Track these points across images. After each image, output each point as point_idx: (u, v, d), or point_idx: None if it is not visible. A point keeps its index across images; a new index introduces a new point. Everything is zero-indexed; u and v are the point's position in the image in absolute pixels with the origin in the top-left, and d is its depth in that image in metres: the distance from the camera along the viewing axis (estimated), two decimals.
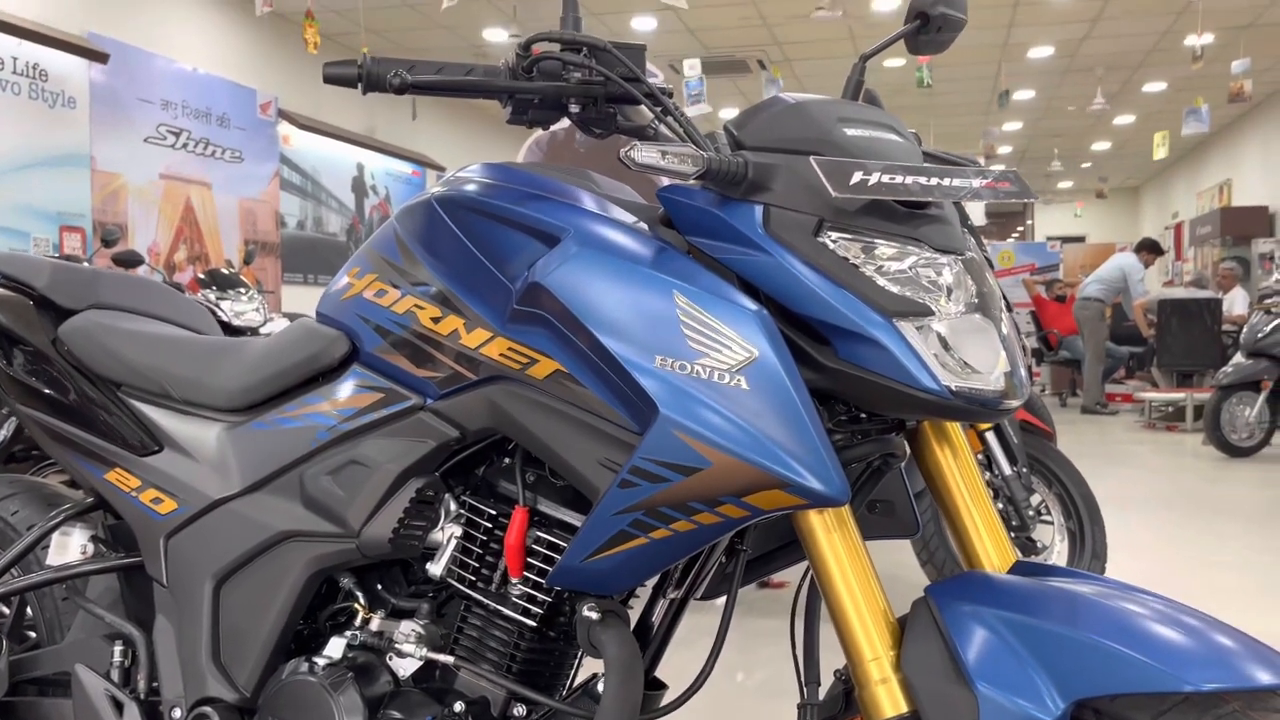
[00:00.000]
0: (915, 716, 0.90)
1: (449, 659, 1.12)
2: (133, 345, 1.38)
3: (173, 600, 1.28)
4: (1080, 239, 19.91)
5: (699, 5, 8.79)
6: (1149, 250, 9.61)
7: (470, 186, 1.13)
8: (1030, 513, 2.56)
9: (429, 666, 1.15)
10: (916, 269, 0.93)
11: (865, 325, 0.91)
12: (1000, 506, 2.58)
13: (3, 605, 1.58)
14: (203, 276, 5.62)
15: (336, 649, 1.16)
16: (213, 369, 1.31)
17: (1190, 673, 0.79)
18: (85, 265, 1.53)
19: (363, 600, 1.19)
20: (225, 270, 5.70)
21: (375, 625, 1.17)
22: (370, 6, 8.81)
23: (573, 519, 1.09)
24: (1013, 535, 2.57)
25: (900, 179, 0.91)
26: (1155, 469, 6.12)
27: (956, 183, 0.94)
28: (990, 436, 2.59)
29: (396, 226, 1.17)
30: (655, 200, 1.07)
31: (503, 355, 1.04)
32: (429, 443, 1.10)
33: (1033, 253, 12.66)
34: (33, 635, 1.57)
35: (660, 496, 0.92)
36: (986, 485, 2.59)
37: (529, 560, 1.09)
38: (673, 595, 1.19)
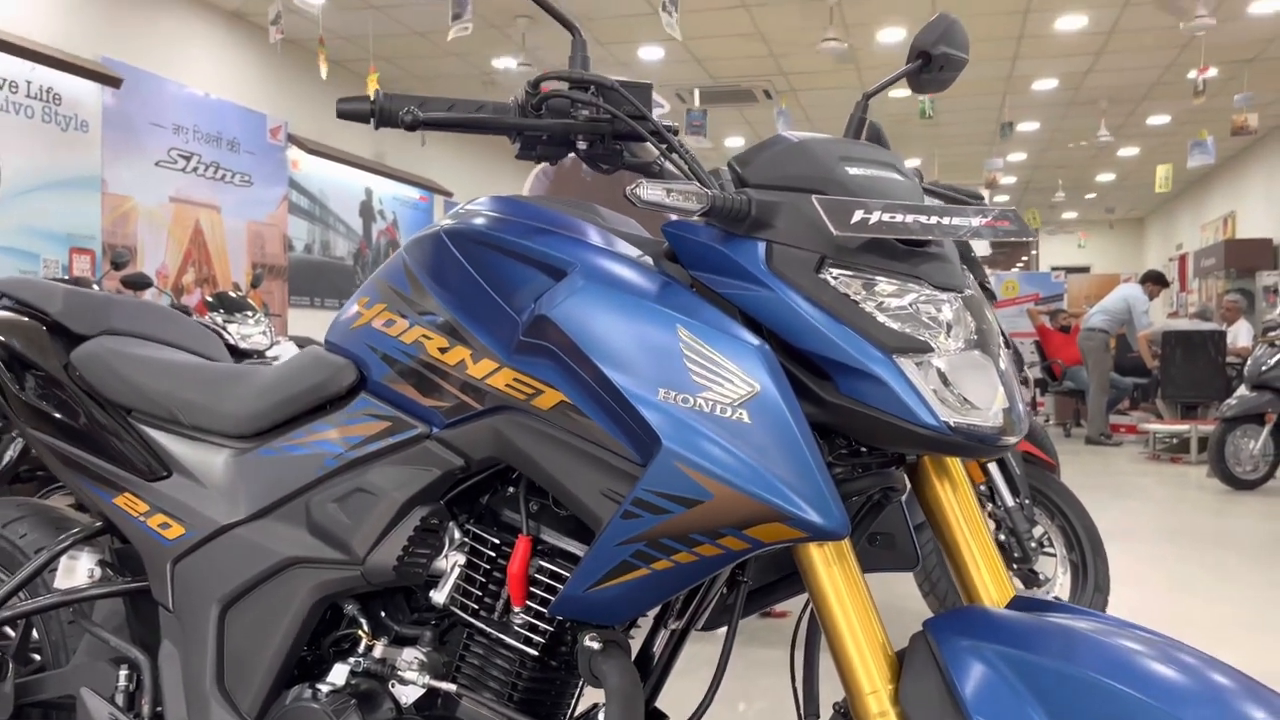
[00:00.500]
0: None
1: (451, 687, 1.13)
2: (144, 371, 1.40)
3: (178, 625, 1.29)
4: (1085, 269, 19.94)
5: (706, 36, 8.87)
6: (1154, 282, 9.63)
7: (479, 220, 1.15)
8: (1032, 544, 2.55)
9: (431, 694, 1.16)
10: (916, 306, 0.95)
11: (866, 361, 0.92)
12: (1002, 538, 2.57)
13: (9, 628, 1.59)
14: (210, 299, 5.66)
15: (340, 675, 1.16)
16: (222, 395, 1.33)
17: (1187, 711, 0.79)
18: (98, 291, 1.55)
19: (366, 627, 1.20)
20: (233, 293, 5.74)
21: (378, 652, 1.18)
22: (380, 34, 8.91)
23: (575, 549, 1.10)
24: (1015, 567, 2.57)
25: (900, 218, 0.93)
26: (1159, 501, 6.10)
27: (956, 221, 0.95)
28: (993, 468, 2.60)
29: (406, 258, 1.19)
30: (660, 234, 1.08)
31: (508, 386, 1.05)
32: (434, 471, 1.11)
33: (1037, 282, 12.69)
34: (38, 658, 1.57)
35: (662, 528, 0.93)
36: (989, 516, 2.60)
37: (531, 589, 1.10)
38: (674, 626, 1.20)
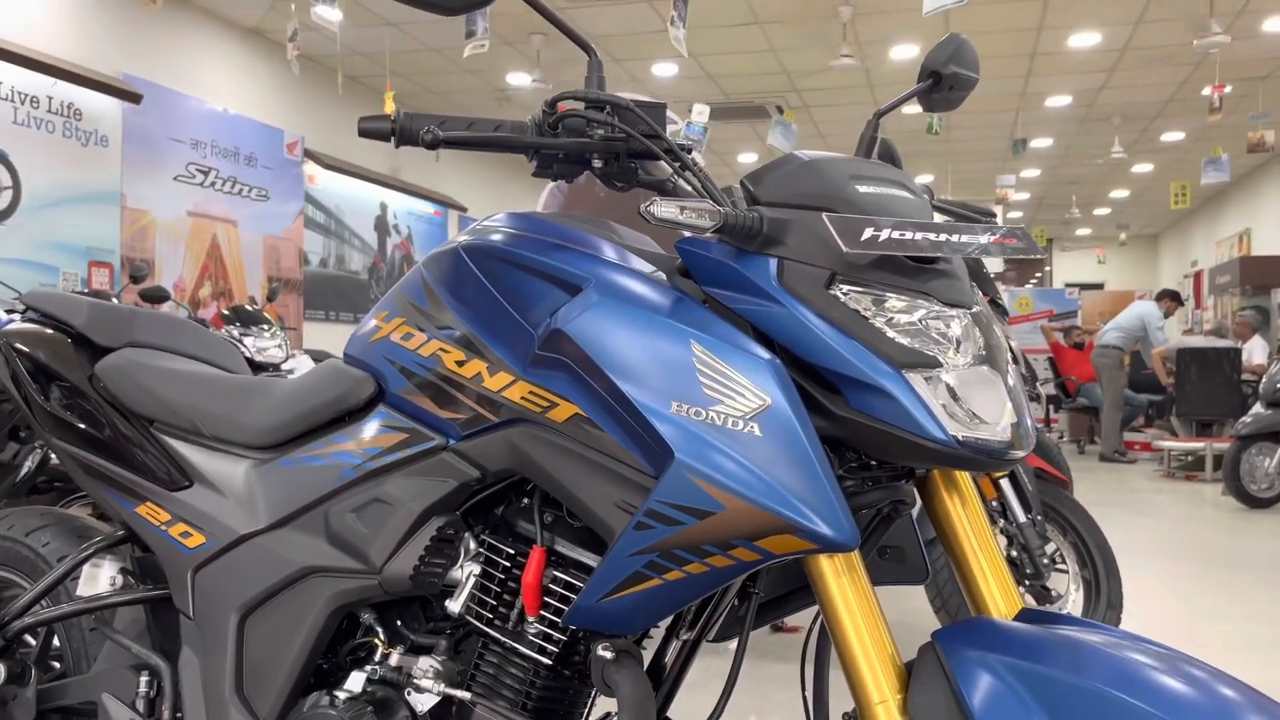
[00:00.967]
0: None
1: (466, 695, 1.14)
2: (166, 383, 1.43)
3: (198, 632, 1.31)
4: (1099, 286, 19.88)
5: (720, 52, 8.92)
6: (1171, 299, 9.61)
7: (496, 236, 1.17)
8: (1044, 561, 2.55)
9: (446, 702, 1.17)
10: (925, 321, 0.96)
11: (875, 375, 0.93)
12: (1014, 554, 2.57)
13: (30, 635, 1.61)
14: (226, 312, 5.71)
15: (356, 683, 1.18)
16: (243, 407, 1.35)
17: None
18: (121, 304, 1.58)
19: (383, 636, 1.22)
20: (249, 307, 5.79)
21: (394, 661, 1.20)
22: (396, 50, 8.99)
23: (589, 559, 1.12)
24: (1027, 584, 2.57)
25: (909, 235, 0.94)
26: (1173, 519, 6.07)
27: (964, 239, 0.97)
28: (1004, 484, 2.60)
29: (424, 272, 1.21)
30: (674, 250, 1.10)
31: (524, 398, 1.07)
32: (451, 482, 1.13)
33: (1051, 299, 12.65)
34: (59, 665, 1.60)
35: (674, 539, 0.95)
36: (1000, 533, 2.61)
37: (545, 599, 1.12)
38: (686, 636, 1.21)
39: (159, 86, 7.45)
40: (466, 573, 1.16)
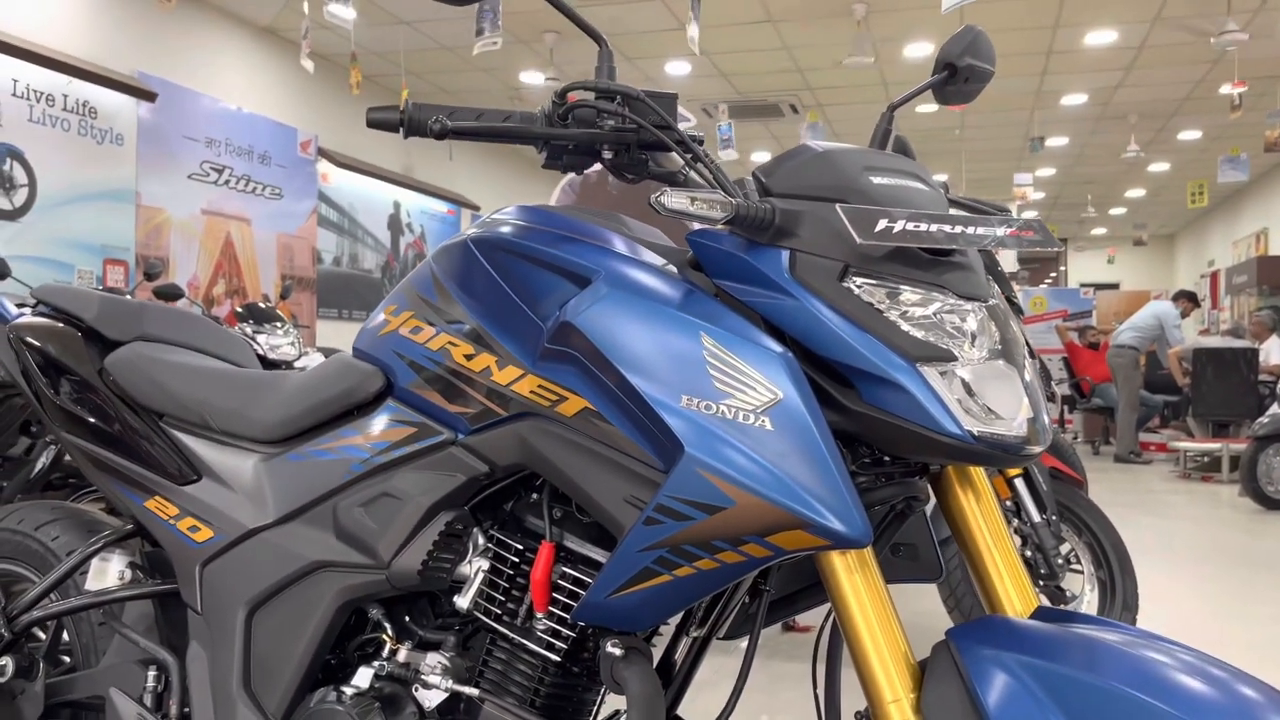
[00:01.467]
0: None
1: (474, 691, 1.14)
2: (176, 377, 1.42)
3: (206, 627, 1.31)
4: (1114, 286, 19.76)
5: (733, 50, 8.90)
6: (1188, 300, 9.55)
7: (505, 228, 1.16)
8: (1059, 561, 2.53)
9: (454, 699, 1.17)
10: (940, 315, 0.95)
11: (889, 369, 0.92)
12: (1029, 554, 2.55)
13: (40, 629, 1.61)
14: (240, 310, 5.72)
15: (364, 679, 1.17)
16: (252, 401, 1.34)
17: None
18: (131, 299, 1.58)
19: (390, 631, 1.21)
20: (262, 304, 5.80)
21: (402, 656, 1.19)
22: (410, 49, 9.00)
23: (598, 555, 1.11)
24: (1041, 584, 2.54)
25: (924, 227, 0.93)
26: (1189, 519, 6.02)
27: (980, 231, 0.95)
28: (1019, 484, 2.57)
29: (433, 266, 1.20)
30: (684, 243, 1.09)
31: (533, 392, 1.06)
32: (459, 477, 1.12)
33: (1065, 298, 12.58)
34: (68, 659, 1.60)
35: (684, 534, 0.93)
36: (1015, 533, 2.58)
37: (554, 595, 1.11)
38: (696, 634, 1.20)
39: (174, 85, 7.48)
40: (475, 568, 1.15)
